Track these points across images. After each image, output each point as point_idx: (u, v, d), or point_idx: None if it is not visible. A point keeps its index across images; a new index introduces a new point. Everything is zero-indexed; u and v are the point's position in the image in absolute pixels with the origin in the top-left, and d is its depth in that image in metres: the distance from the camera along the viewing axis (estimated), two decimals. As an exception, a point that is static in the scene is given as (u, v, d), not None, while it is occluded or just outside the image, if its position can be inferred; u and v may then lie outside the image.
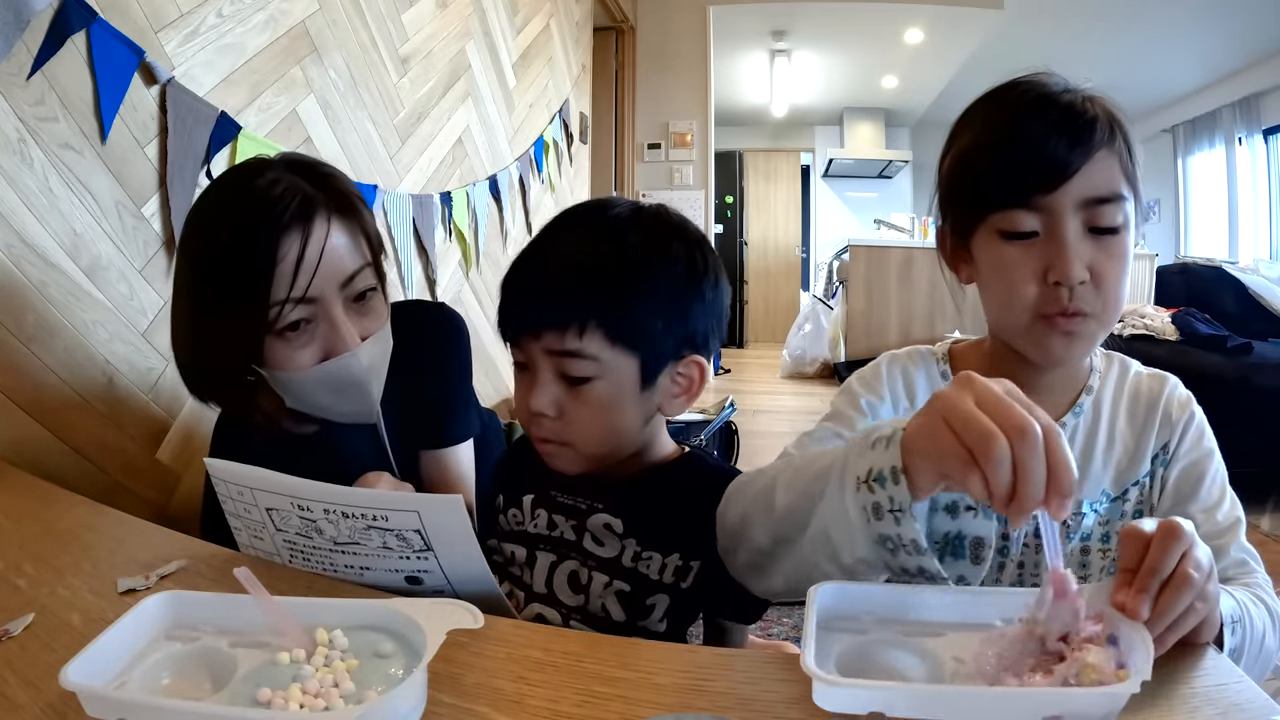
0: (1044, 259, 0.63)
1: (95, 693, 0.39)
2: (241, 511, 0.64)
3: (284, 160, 0.83)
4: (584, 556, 0.70)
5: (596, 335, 0.62)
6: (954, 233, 0.71)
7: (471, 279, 2.47)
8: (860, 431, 0.54)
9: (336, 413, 0.85)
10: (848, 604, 0.47)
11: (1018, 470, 0.41)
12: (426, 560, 0.60)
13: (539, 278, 0.66)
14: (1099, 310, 0.63)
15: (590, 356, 0.63)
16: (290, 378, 0.80)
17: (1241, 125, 5.54)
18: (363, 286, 0.82)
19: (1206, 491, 0.69)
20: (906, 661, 0.44)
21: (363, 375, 0.82)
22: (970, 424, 0.42)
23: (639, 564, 0.69)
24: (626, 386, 0.65)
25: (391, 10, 1.92)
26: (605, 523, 0.70)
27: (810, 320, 5.63)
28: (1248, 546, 0.66)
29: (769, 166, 8.50)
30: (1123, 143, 0.63)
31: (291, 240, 0.75)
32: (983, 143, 0.66)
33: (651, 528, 0.69)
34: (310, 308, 0.77)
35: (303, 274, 0.75)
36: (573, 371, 0.64)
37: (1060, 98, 0.63)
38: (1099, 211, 0.62)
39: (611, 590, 0.69)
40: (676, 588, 0.69)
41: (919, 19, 5.22)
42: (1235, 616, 0.53)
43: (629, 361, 0.64)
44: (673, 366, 0.67)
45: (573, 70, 3.70)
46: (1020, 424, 0.41)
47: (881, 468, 0.47)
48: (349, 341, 0.80)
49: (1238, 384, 2.50)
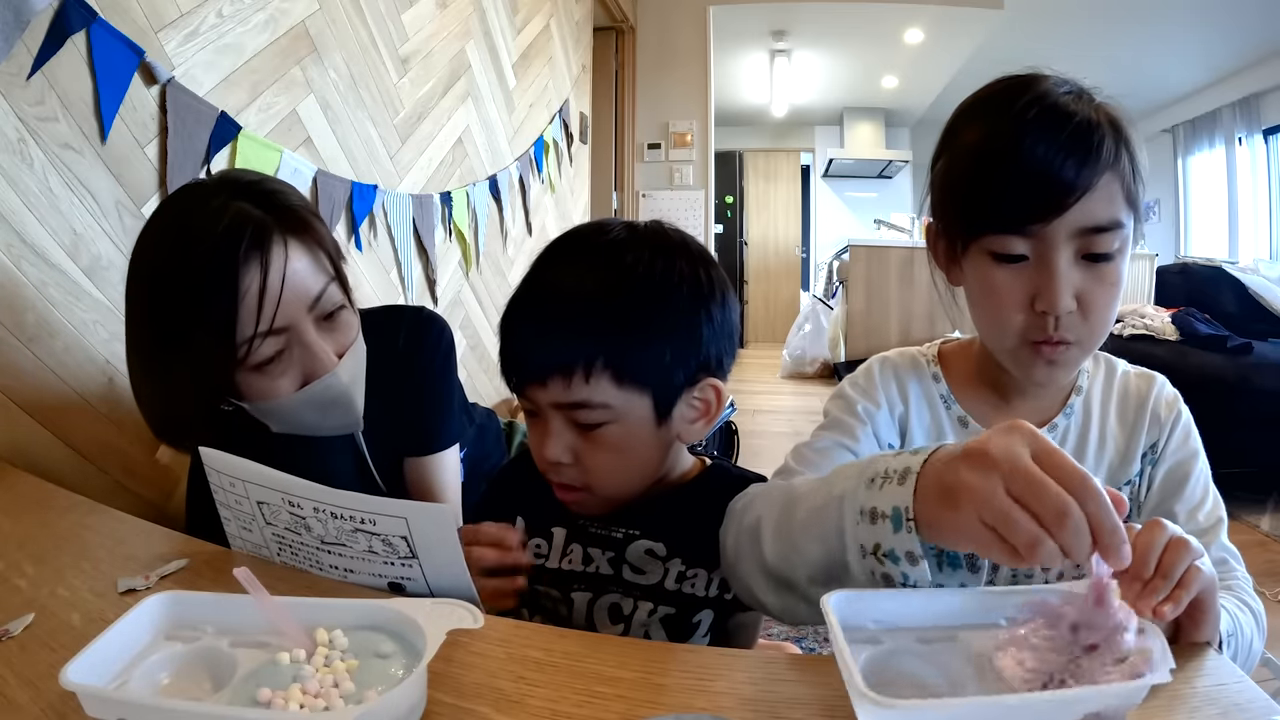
0: (1032, 285, 0.61)
1: (95, 693, 0.39)
2: (232, 502, 0.64)
3: (227, 183, 0.77)
4: (625, 588, 0.67)
5: (603, 379, 0.59)
6: (944, 235, 0.69)
7: (471, 279, 2.47)
8: (853, 481, 0.50)
9: (323, 429, 0.84)
10: (855, 612, 0.45)
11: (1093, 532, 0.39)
12: (410, 568, 0.60)
13: (536, 323, 0.62)
14: (1084, 337, 0.63)
15: (599, 405, 0.60)
16: (272, 406, 0.78)
17: (1241, 125, 5.54)
18: (331, 305, 0.79)
19: (1191, 490, 0.69)
20: (926, 670, 0.43)
21: (346, 391, 0.81)
22: (1041, 492, 0.39)
23: (683, 584, 0.66)
24: (641, 425, 0.62)
25: (391, 10, 1.92)
26: (646, 549, 0.67)
27: (810, 320, 5.63)
28: (1229, 545, 0.66)
29: (769, 166, 8.49)
30: (1128, 161, 0.60)
31: (250, 273, 0.71)
32: (984, 157, 0.62)
33: (694, 545, 0.66)
34: (282, 338, 0.75)
35: (267, 305, 0.72)
36: (583, 420, 0.61)
37: (1070, 112, 0.59)
38: (1094, 240, 0.60)
39: (656, 617, 0.66)
40: (720, 600, 0.67)
41: (919, 19, 5.22)
42: (1230, 630, 0.54)
43: (641, 400, 0.61)
44: (688, 394, 0.64)
45: (573, 70, 3.70)
46: (1082, 481, 0.39)
47: (894, 547, 0.45)
48: (326, 363, 0.78)
49: (1238, 384, 2.49)
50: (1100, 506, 0.39)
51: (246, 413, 0.82)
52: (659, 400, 0.62)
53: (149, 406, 0.80)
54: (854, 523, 0.48)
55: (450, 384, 1.00)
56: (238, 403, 0.79)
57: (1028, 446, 0.41)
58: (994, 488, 0.40)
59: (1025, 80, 0.63)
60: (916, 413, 0.75)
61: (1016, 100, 0.61)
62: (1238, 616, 0.56)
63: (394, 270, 1.97)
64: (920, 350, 0.79)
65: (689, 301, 0.62)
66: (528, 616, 0.71)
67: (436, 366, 0.98)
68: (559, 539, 0.70)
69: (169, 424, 0.81)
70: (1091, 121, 0.59)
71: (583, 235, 0.67)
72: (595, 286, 0.61)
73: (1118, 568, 0.40)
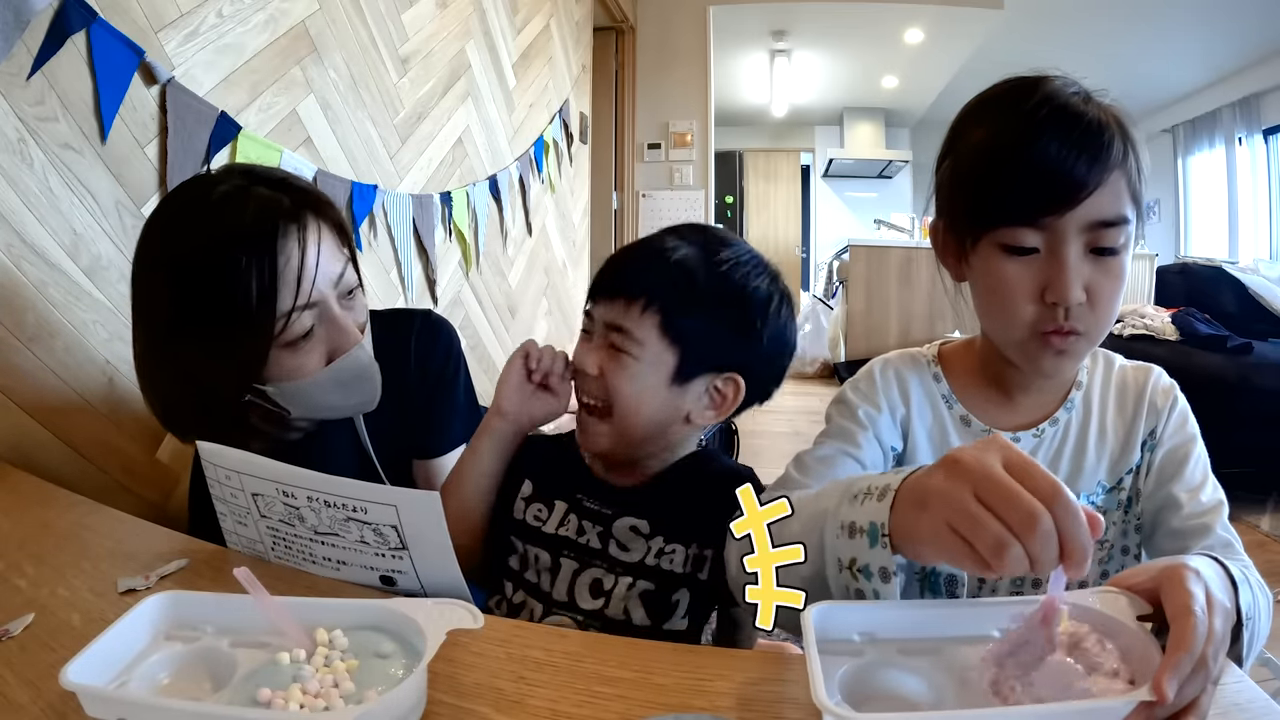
0: (1043, 277, 0.63)
1: (95, 693, 0.39)
2: (228, 496, 0.64)
3: (234, 172, 0.78)
4: (609, 563, 0.73)
5: (652, 320, 0.69)
6: (950, 231, 0.70)
7: (471, 279, 2.47)
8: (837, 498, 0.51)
9: (344, 409, 0.84)
10: (837, 624, 0.45)
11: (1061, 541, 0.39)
12: (401, 560, 0.60)
13: (636, 257, 0.74)
14: (1091, 328, 0.64)
15: (638, 338, 0.70)
16: (299, 386, 0.79)
17: (1241, 125, 5.54)
18: (350, 284, 0.81)
19: (1190, 473, 0.69)
20: (909, 683, 0.43)
21: (369, 364, 0.82)
22: (1011, 498, 0.39)
23: (662, 560, 0.72)
24: (659, 374, 0.71)
25: (391, 10, 1.92)
26: (631, 525, 0.73)
27: (810, 320, 5.63)
28: (1231, 529, 0.67)
29: (769, 166, 8.49)
30: (1134, 161, 0.62)
31: (290, 247, 0.73)
32: (995, 153, 0.63)
33: (673, 521, 0.72)
34: (314, 312, 0.77)
35: (305, 278, 0.74)
36: (619, 344, 0.71)
37: (1080, 112, 0.61)
38: (1102, 234, 0.61)
39: (635, 592, 0.71)
40: (695, 579, 0.71)
41: (919, 19, 5.22)
42: (1249, 613, 0.52)
43: (670, 355, 0.70)
44: (712, 378, 0.72)
45: (573, 70, 3.70)
46: (1053, 491, 0.39)
47: (869, 563, 0.46)
48: (352, 336, 0.80)
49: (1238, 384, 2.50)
50: (1071, 517, 0.39)
51: (258, 414, 0.82)
52: (682, 363, 0.71)
53: (160, 396, 0.80)
54: (834, 537, 0.49)
55: (458, 387, 1.01)
56: (261, 387, 0.78)
57: (1000, 457, 0.41)
58: (963, 493, 0.41)
59: (1032, 81, 0.64)
60: (918, 414, 0.75)
61: (1026, 100, 0.62)
62: (1258, 599, 0.56)
63: (394, 270, 1.97)
64: (920, 351, 0.79)
65: (749, 309, 0.72)
66: (516, 569, 0.76)
67: (445, 370, 0.99)
68: (559, 510, 0.77)
69: (179, 413, 0.81)
70: (1101, 121, 0.61)
71: (711, 228, 0.78)
72: (690, 256, 0.72)
73: (1076, 578, 0.40)
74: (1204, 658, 0.39)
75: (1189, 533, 0.66)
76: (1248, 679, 0.45)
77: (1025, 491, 0.39)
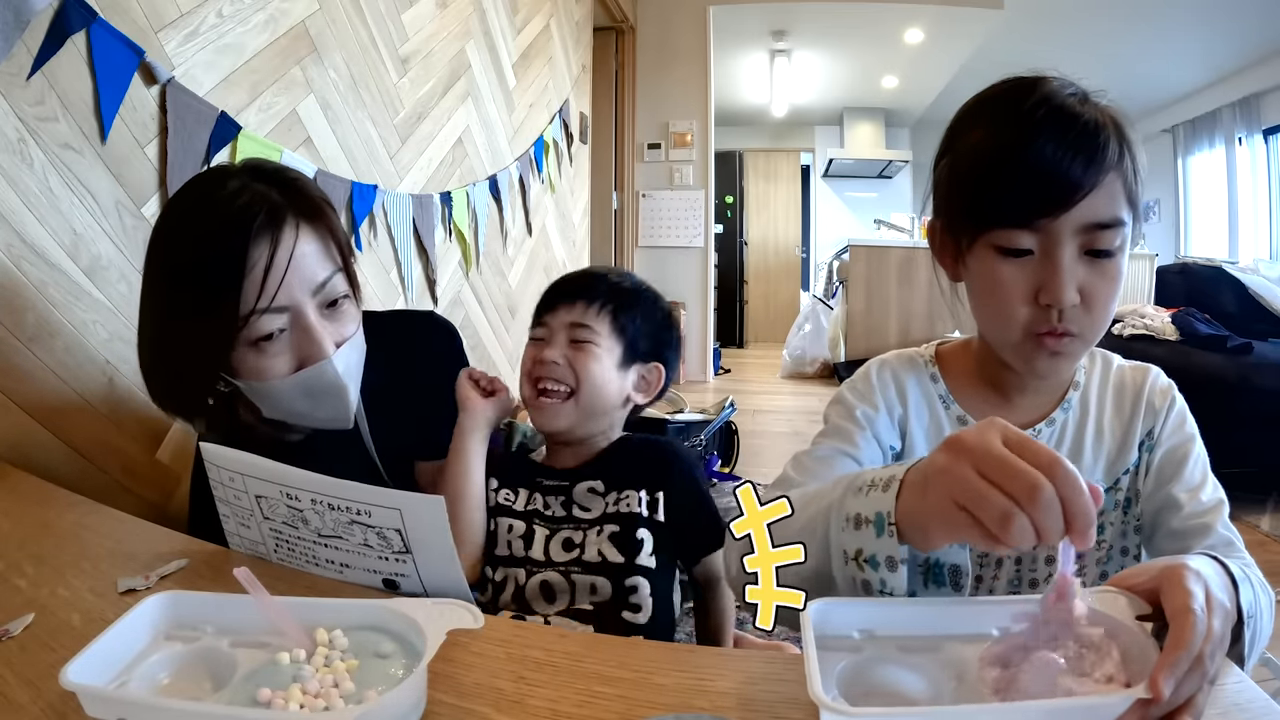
0: (1037, 279, 0.63)
1: (95, 693, 0.39)
2: (231, 498, 0.64)
3: (248, 168, 0.80)
4: (575, 523, 0.85)
5: (605, 316, 0.88)
6: (947, 231, 0.70)
7: (471, 279, 2.47)
8: (841, 491, 0.52)
9: (313, 419, 0.84)
10: (838, 620, 0.46)
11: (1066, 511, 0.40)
12: (404, 563, 0.60)
13: (582, 276, 0.93)
14: (1086, 330, 0.64)
15: (597, 330, 0.87)
16: (265, 387, 0.78)
17: (1241, 125, 5.54)
18: (335, 294, 0.80)
19: (1190, 473, 0.69)
20: (907, 679, 0.43)
21: (338, 381, 0.80)
22: (1012, 470, 0.40)
23: (621, 505, 0.84)
24: (610, 358, 0.88)
25: (391, 10, 1.92)
26: (589, 487, 0.86)
27: (810, 320, 5.62)
28: (1232, 527, 0.67)
29: (769, 166, 8.49)
30: (1130, 162, 0.62)
31: (260, 248, 0.73)
32: (990, 154, 0.63)
33: (623, 475, 0.86)
34: (283, 316, 0.76)
35: (271, 282, 0.74)
36: (580, 337, 0.87)
37: (1076, 113, 0.61)
38: (1098, 236, 0.61)
39: (604, 535, 0.82)
40: (654, 520, 0.83)
41: (919, 19, 5.22)
42: (1251, 611, 0.53)
43: (617, 344, 0.88)
44: (642, 366, 0.91)
45: (573, 70, 3.70)
46: (1052, 461, 0.40)
47: (875, 552, 0.47)
48: (324, 349, 0.78)
49: (1238, 384, 2.49)
50: (1072, 485, 0.40)
51: (244, 405, 0.82)
52: (625, 352, 0.89)
53: (152, 373, 0.82)
54: (839, 529, 0.49)
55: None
56: (233, 381, 0.79)
57: (1000, 434, 0.42)
58: (966, 470, 0.42)
59: (1030, 82, 0.64)
60: (916, 413, 0.75)
61: (1024, 101, 0.62)
62: (1260, 597, 0.56)
63: (394, 270, 1.97)
64: (918, 351, 0.79)
65: (660, 315, 0.94)
66: (490, 549, 0.86)
67: (448, 372, 0.99)
68: (524, 493, 0.89)
69: (169, 393, 0.82)
70: (1098, 123, 0.61)
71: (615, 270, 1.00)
72: (623, 276, 0.94)
73: (1084, 547, 0.41)
74: (1201, 657, 0.39)
75: (1189, 533, 0.66)
76: (1248, 679, 0.45)
77: (1025, 464, 0.40)
